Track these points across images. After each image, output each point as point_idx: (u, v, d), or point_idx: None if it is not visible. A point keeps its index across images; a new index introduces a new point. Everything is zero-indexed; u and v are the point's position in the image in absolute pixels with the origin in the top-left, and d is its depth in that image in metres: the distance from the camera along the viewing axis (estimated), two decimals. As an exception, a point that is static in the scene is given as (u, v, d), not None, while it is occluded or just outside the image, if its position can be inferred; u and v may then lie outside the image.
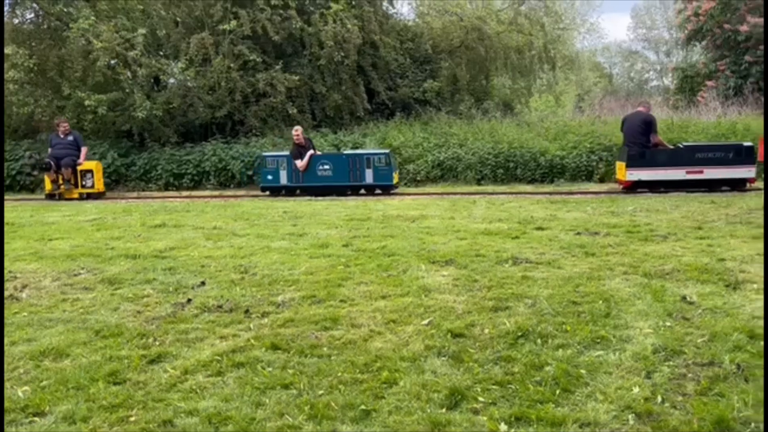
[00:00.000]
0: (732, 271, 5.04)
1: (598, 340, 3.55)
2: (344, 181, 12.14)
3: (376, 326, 4.00)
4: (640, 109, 11.61)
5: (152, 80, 15.43)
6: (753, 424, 2.53)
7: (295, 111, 15.29)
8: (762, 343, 3.39)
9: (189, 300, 4.67)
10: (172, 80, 16.05)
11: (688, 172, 9.78)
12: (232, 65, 14.52)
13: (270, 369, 3.34)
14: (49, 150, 12.72)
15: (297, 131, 12.40)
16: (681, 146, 11.33)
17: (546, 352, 3.41)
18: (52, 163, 12.37)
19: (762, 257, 5.44)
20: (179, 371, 3.34)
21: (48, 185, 12.58)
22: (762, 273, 4.93)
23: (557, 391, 2.92)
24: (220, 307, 4.48)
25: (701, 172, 10.77)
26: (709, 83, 21.39)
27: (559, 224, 7.63)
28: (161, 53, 16.02)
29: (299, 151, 12.24)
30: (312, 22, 15.26)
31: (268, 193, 12.45)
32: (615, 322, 3.87)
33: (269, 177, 12.35)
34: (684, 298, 4.34)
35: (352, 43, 15.09)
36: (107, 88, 14.54)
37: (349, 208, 9.62)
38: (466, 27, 17.23)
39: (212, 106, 15.08)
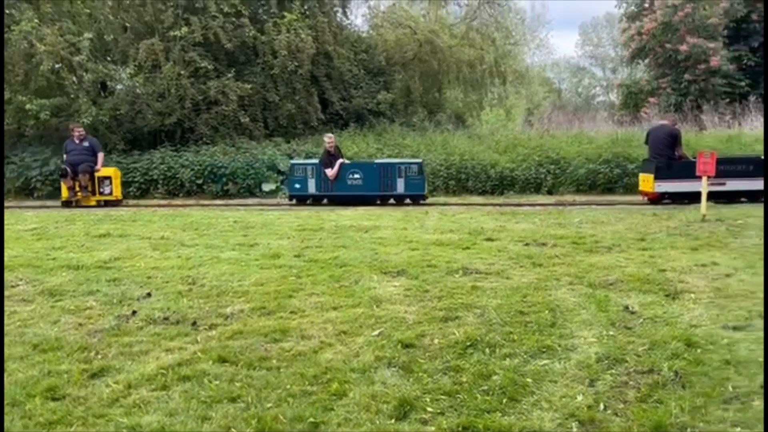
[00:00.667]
0: (672, 281, 5.22)
1: (544, 350, 3.63)
2: (374, 190, 11.95)
3: (327, 337, 3.98)
4: (665, 122, 11.84)
5: (99, 86, 15.03)
6: (689, 430, 2.62)
7: (247, 120, 15.15)
8: (698, 351, 3.53)
9: (134, 312, 4.54)
10: (119, 86, 15.68)
11: (711, 184, 9.70)
12: (182, 72, 14.29)
13: (217, 382, 3.28)
14: (64, 156, 12.35)
15: (330, 139, 12.19)
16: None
17: (494, 361, 3.46)
18: (68, 169, 12.00)
19: (699, 267, 5.67)
20: (122, 385, 3.25)
21: (64, 192, 12.20)
22: (699, 283, 5.14)
23: (504, 400, 2.97)
24: (166, 319, 4.38)
25: (724, 184, 10.76)
26: (652, 99, 22.28)
27: (509, 235, 7.77)
28: (109, 58, 15.63)
29: (330, 159, 12.00)
30: (265, 31, 15.18)
31: (294, 201, 12.23)
32: (560, 331, 3.96)
33: (297, 185, 12.10)
34: (626, 307, 4.48)
35: (305, 53, 15.07)
36: (51, 92, 14.08)
37: (301, 218, 9.56)
38: (420, 40, 17.47)
39: (161, 113, 14.79)
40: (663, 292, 4.89)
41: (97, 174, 12.20)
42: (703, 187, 9.06)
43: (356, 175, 11.96)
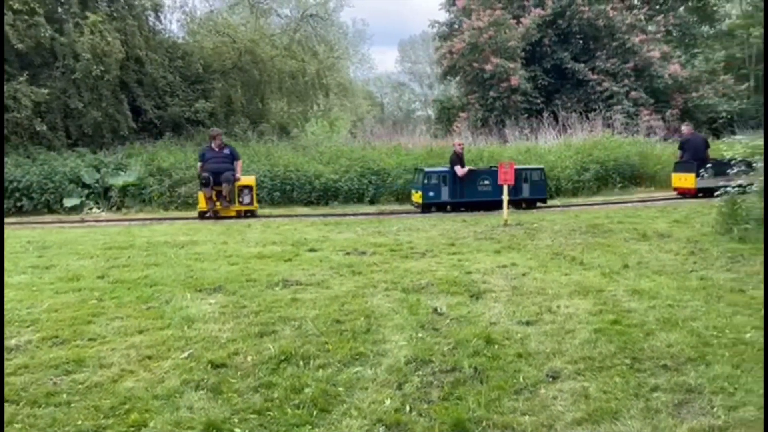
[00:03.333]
0: (476, 282, 5.61)
1: (357, 357, 3.68)
2: (502, 195, 11.37)
3: (129, 364, 3.67)
4: (696, 132, 13.86)
5: None
6: (485, 422, 2.80)
7: (44, 128, 13.67)
8: (496, 347, 3.81)
9: None
10: None
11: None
12: (-38, 73, 12.53)
13: (-10, 427, 2.86)
14: (199, 164, 11.37)
15: (462, 143, 12.69)
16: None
17: (307, 373, 3.43)
18: (211, 178, 10.92)
19: (500, 268, 6.16)
20: None
21: (203, 203, 11.20)
22: (500, 283, 5.58)
23: (315, 412, 2.95)
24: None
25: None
26: (462, 115, 24.01)
27: (331, 245, 7.84)
28: None
29: (459, 161, 12.11)
30: (65, 32, 13.83)
31: (434, 209, 11.73)
32: (374, 337, 4.05)
33: (431, 194, 11.83)
34: (435, 309, 4.71)
35: (113, 57, 14.00)
36: None
37: (109, 235, 8.81)
38: (240, 49, 17.10)
39: (-64, 119, 12.81)
40: (468, 293, 5.22)
41: (237, 183, 11.26)
42: (505, 195, 9.91)
43: (486, 182, 12.03)
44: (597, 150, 15.90)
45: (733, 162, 9.11)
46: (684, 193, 13.37)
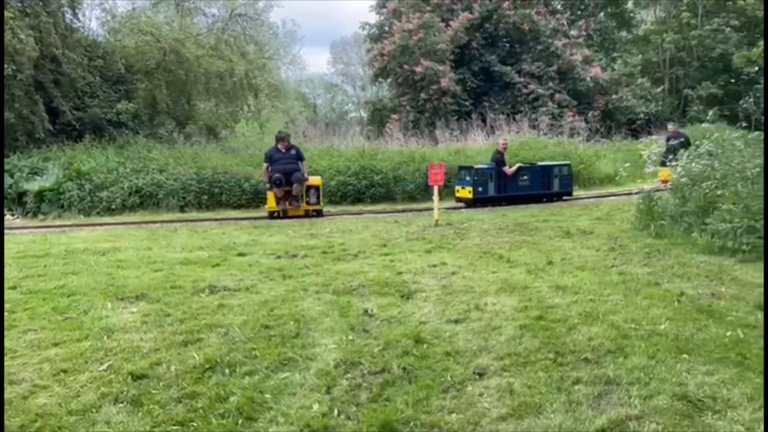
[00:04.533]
0: (407, 282, 5.64)
1: (286, 362, 3.62)
2: (538, 189, 12.92)
3: (42, 379, 3.47)
4: (680, 130, 14.32)
5: None
6: (412, 423, 2.80)
7: (-52, 130, 12.77)
8: (425, 346, 3.84)
9: None
10: None
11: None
12: None
13: None
14: (265, 165, 11.65)
15: (505, 141, 13.58)
16: None
17: (233, 381, 3.34)
18: (283, 178, 11.17)
19: (431, 268, 6.23)
20: None
21: (273, 203, 11.45)
22: (430, 282, 5.63)
23: (240, 421, 2.88)
24: None
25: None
26: (394, 116, 24.16)
27: (261, 249, 7.71)
28: None
29: (503, 159, 12.76)
30: (-27, 28, 12.99)
31: (478, 204, 12.30)
32: (303, 341, 3.99)
33: (480, 189, 12.48)
34: (366, 311, 4.70)
35: (26, 56, 13.25)
36: None
37: (23, 243, 8.33)
38: (164, 48, 16.54)
39: None
40: (399, 293, 5.24)
41: (305, 183, 11.56)
42: (435, 195, 10.02)
43: (525, 177, 12.93)
44: (523, 151, 16.34)
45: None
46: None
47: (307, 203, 11.75)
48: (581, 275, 5.68)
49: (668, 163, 14.12)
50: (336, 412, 2.93)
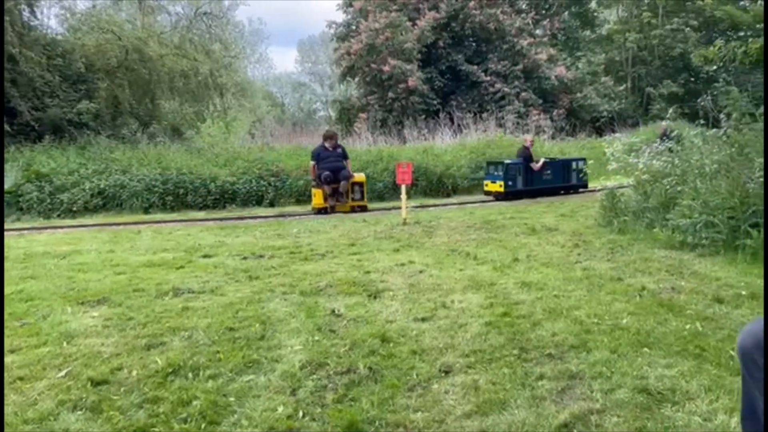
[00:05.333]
0: (375, 281, 5.63)
1: (251, 364, 3.57)
2: (559, 182, 13.90)
3: (-3, 388, 3.36)
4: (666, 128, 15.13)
5: None
6: (377, 422, 2.79)
7: None
8: (391, 345, 3.83)
9: None
10: None
11: None
12: None
13: None
14: (312, 163, 11.94)
15: (532, 139, 14.57)
16: None
17: (196, 385, 3.28)
18: (332, 176, 11.52)
19: (398, 266, 6.23)
20: None
21: (319, 200, 11.82)
22: (398, 281, 5.63)
23: (203, 425, 2.83)
24: None
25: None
26: (362, 115, 24.15)
27: (227, 250, 7.61)
28: None
29: (530, 155, 13.59)
30: (-76, 25, 12.57)
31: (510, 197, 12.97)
32: (269, 343, 3.95)
33: (510, 183, 13.18)
34: (333, 311, 4.67)
35: (-19, 54, 12.87)
36: None
37: (-21, 248, 8.07)
38: (126, 47, 16.24)
39: None
40: (367, 292, 5.22)
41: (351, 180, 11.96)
42: (403, 194, 10.04)
43: (548, 172, 13.80)
44: (490, 149, 16.51)
45: None
46: None
47: (352, 199, 12.11)
48: (546, 271, 5.75)
49: None
50: (301, 413, 2.91)
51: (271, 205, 13.68)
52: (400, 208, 10.13)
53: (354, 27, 26.46)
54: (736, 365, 3.16)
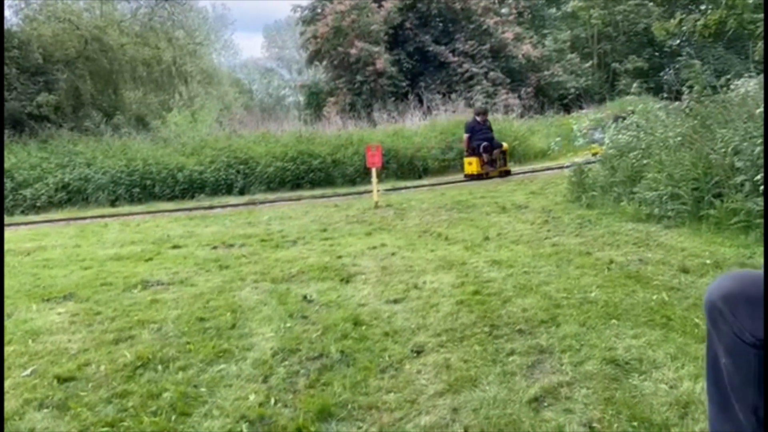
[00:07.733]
0: (347, 266, 5.61)
1: (221, 354, 3.54)
2: None
3: (-41, 390, 3.27)
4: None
5: None
6: (350, 405, 2.79)
7: None
8: (363, 328, 3.83)
9: None
10: None
11: None
12: None
13: None
14: (466, 135, 13.38)
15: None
16: None
17: (166, 377, 3.24)
18: (489, 145, 12.99)
19: (370, 250, 6.22)
20: None
21: (475, 167, 13.08)
22: (370, 264, 5.62)
23: (174, 417, 2.79)
24: None
25: None
26: (331, 99, 23.96)
27: (197, 240, 7.52)
28: None
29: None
30: None
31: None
32: (240, 332, 3.92)
33: None
34: (305, 297, 4.64)
35: (-69, 47, 12.41)
36: None
37: (-61, 248, 7.84)
38: (85, 36, 15.79)
39: None
40: (339, 277, 5.21)
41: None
42: (374, 177, 10.01)
43: None
44: (460, 130, 16.49)
45: None
46: None
47: (501, 166, 13.57)
48: (516, 249, 5.80)
49: None
50: (273, 401, 2.89)
51: (241, 193, 13.54)
52: (371, 191, 10.10)
53: (320, 10, 26.13)
54: (701, 333, 3.23)
